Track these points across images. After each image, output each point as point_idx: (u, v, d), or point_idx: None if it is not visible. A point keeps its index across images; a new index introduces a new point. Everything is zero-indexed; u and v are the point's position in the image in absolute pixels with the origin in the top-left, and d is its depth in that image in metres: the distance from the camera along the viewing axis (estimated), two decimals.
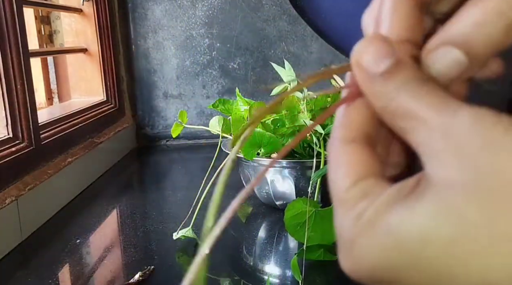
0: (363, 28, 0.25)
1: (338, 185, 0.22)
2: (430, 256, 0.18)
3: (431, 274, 0.19)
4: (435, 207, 0.18)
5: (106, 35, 1.28)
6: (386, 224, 0.19)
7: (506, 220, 0.17)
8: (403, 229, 0.19)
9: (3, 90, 0.80)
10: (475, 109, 0.19)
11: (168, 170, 1.23)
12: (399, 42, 0.22)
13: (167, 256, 0.69)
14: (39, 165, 0.87)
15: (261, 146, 0.73)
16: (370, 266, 0.20)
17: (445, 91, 0.20)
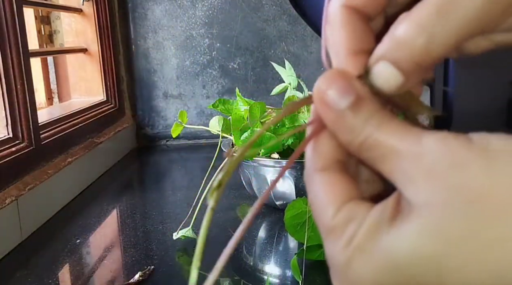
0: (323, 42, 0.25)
1: (322, 215, 0.23)
2: (421, 274, 0.20)
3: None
4: (419, 229, 0.20)
5: (106, 35, 1.28)
6: (376, 248, 0.21)
7: (483, 230, 0.19)
8: (393, 251, 0.20)
9: (3, 90, 0.80)
10: (437, 134, 0.20)
11: (168, 170, 1.23)
12: (356, 77, 0.22)
13: (167, 256, 0.69)
14: (39, 165, 0.87)
15: (261, 146, 0.73)
16: None
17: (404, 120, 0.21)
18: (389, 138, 0.21)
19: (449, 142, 0.20)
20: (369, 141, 0.21)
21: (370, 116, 0.21)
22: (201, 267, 0.71)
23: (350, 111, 0.21)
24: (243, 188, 0.90)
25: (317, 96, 0.22)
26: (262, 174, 0.80)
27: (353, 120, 0.21)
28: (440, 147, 0.20)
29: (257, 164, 0.80)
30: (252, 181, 0.83)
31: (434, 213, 0.19)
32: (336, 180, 0.23)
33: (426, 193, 0.20)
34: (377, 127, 0.21)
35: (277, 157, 0.79)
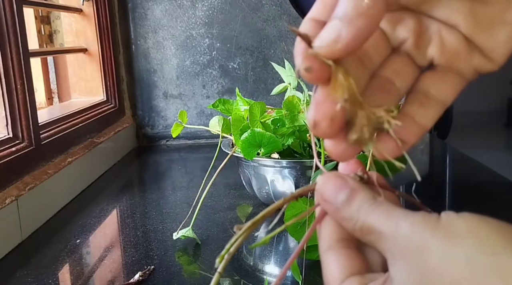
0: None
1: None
2: None
3: None
4: None
5: (106, 35, 1.28)
6: None
7: None
8: None
9: (3, 90, 0.80)
10: (412, 217, 0.24)
11: (168, 170, 1.23)
12: (350, 175, 0.27)
13: (167, 256, 0.69)
14: (39, 165, 0.87)
15: (261, 146, 0.73)
16: None
17: (390, 203, 0.25)
18: (377, 223, 0.25)
19: (419, 226, 0.23)
20: (364, 227, 0.25)
21: (361, 204, 0.26)
22: (201, 267, 0.71)
23: (345, 204, 0.26)
24: (243, 188, 0.90)
25: (318, 194, 0.27)
26: (262, 174, 0.80)
27: (349, 210, 0.26)
28: (411, 231, 0.23)
29: (257, 164, 0.80)
30: (252, 181, 0.83)
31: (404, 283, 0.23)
32: (340, 258, 0.27)
33: (401, 271, 0.24)
34: (368, 214, 0.25)
35: (277, 157, 0.79)
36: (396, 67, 0.27)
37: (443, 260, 0.22)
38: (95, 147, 1.10)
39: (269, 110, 0.80)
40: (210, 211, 0.86)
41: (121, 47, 1.38)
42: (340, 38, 0.22)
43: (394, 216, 0.24)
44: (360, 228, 0.25)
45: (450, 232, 0.23)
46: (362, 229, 0.25)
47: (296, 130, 0.75)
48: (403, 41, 0.27)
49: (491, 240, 0.22)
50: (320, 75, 0.23)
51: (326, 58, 0.23)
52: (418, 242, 0.23)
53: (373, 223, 0.25)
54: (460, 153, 1.24)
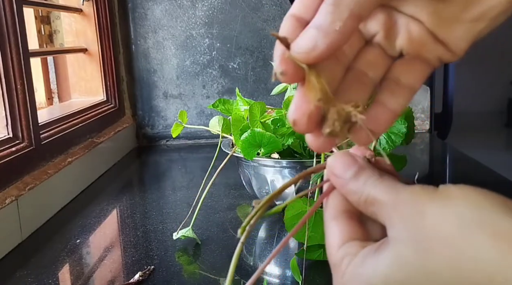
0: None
1: (329, 253, 0.30)
2: None
3: None
4: (391, 257, 0.26)
5: (106, 35, 1.28)
6: (360, 275, 0.27)
7: (431, 262, 0.25)
8: (372, 276, 0.27)
9: (3, 90, 0.80)
10: (412, 187, 0.27)
11: (168, 170, 1.23)
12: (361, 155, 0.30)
13: (167, 256, 0.69)
14: (39, 165, 0.87)
15: (261, 146, 0.73)
16: None
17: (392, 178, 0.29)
18: (380, 193, 0.28)
19: (417, 194, 0.26)
20: (369, 198, 0.28)
21: (366, 180, 0.29)
22: (201, 267, 0.71)
23: (353, 178, 0.29)
24: (243, 188, 0.90)
25: (328, 169, 0.30)
26: (262, 174, 0.80)
27: (356, 184, 0.29)
28: (410, 199, 0.26)
29: (257, 164, 0.80)
30: (252, 181, 0.83)
31: (402, 246, 0.26)
32: (342, 226, 0.30)
33: (399, 232, 0.26)
34: (372, 187, 0.28)
35: (277, 157, 0.79)
36: (369, 58, 0.30)
37: (438, 219, 0.25)
38: (95, 147, 1.10)
39: (269, 110, 0.80)
40: (210, 211, 0.86)
41: (121, 47, 1.38)
42: (316, 47, 0.25)
43: (396, 187, 0.27)
44: (365, 200, 0.28)
45: (445, 196, 0.26)
46: (366, 201, 0.28)
47: None
48: (375, 34, 0.30)
49: (482, 202, 0.24)
50: (293, 78, 0.27)
51: (301, 63, 0.26)
52: (416, 205, 0.26)
53: (376, 195, 0.28)
54: (460, 153, 1.24)
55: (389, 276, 0.26)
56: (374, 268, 0.27)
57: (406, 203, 0.26)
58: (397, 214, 0.27)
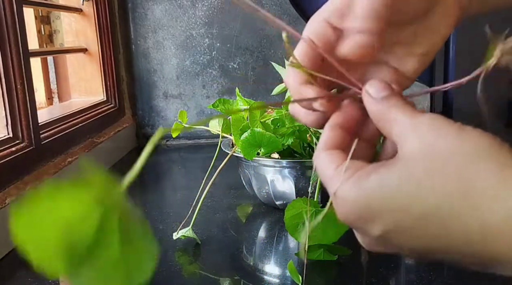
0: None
1: (324, 172, 0.33)
2: (401, 201, 0.29)
3: (398, 214, 0.29)
4: (400, 171, 0.29)
5: (106, 35, 1.28)
6: (364, 187, 0.30)
7: (440, 182, 0.27)
8: (377, 187, 0.29)
9: (3, 90, 0.80)
10: (430, 114, 0.30)
11: (168, 170, 1.23)
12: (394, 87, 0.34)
13: (167, 256, 0.69)
14: (39, 165, 0.87)
15: (261, 146, 0.73)
16: (358, 207, 0.30)
17: (413, 107, 0.32)
18: (403, 114, 0.31)
19: (437, 119, 0.30)
20: (391, 118, 0.31)
21: (394, 104, 0.32)
22: (201, 267, 0.71)
23: (384, 99, 0.33)
24: (243, 188, 0.90)
25: (365, 90, 0.34)
26: (262, 174, 0.80)
27: (384, 104, 0.32)
28: (428, 119, 0.30)
29: (257, 164, 0.80)
30: (252, 181, 0.83)
31: (414, 161, 0.29)
32: (337, 154, 0.33)
33: (413, 150, 0.29)
34: (397, 111, 0.31)
35: (277, 157, 0.79)
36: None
37: (455, 145, 0.28)
38: (95, 147, 1.10)
39: (269, 110, 0.80)
40: (210, 211, 0.86)
41: (121, 47, 1.38)
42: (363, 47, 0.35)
43: (416, 113, 0.31)
44: (387, 117, 0.32)
45: (463, 128, 0.29)
46: (388, 118, 0.32)
47: (296, 130, 0.75)
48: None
49: (495, 145, 0.28)
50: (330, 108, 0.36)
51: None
52: (435, 128, 0.29)
53: (399, 113, 0.31)
54: None
55: (395, 189, 0.29)
56: (380, 181, 0.29)
57: (426, 125, 0.29)
58: (415, 132, 0.29)
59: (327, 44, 0.36)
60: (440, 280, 0.60)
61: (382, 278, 0.61)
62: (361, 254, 0.67)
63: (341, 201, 0.31)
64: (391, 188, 0.29)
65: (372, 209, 0.29)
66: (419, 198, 0.28)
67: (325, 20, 0.36)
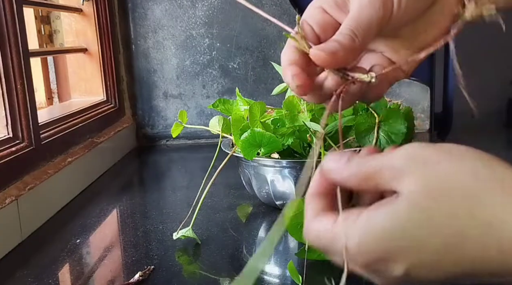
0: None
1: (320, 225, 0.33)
2: (416, 233, 0.28)
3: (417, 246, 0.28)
4: (407, 205, 0.28)
5: (106, 35, 1.28)
6: (378, 219, 0.29)
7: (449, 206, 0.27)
8: (392, 219, 0.29)
9: (3, 90, 0.80)
10: (413, 146, 0.30)
11: (168, 170, 1.23)
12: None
13: (167, 256, 0.69)
14: (39, 165, 0.87)
15: (261, 146, 0.73)
16: (374, 250, 0.29)
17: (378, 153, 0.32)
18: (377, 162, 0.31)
19: (417, 146, 0.30)
20: (368, 171, 0.31)
21: (359, 160, 0.32)
22: (201, 267, 0.71)
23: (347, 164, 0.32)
24: (243, 188, 0.90)
25: (323, 170, 0.34)
26: (262, 174, 0.80)
27: (352, 167, 0.32)
28: (412, 149, 0.30)
29: (257, 164, 0.80)
30: (252, 181, 0.83)
31: (418, 195, 0.28)
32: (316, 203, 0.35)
33: (413, 183, 0.28)
34: (368, 162, 0.31)
35: (277, 157, 0.79)
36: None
37: (454, 170, 0.28)
38: (95, 147, 1.10)
39: (269, 110, 0.80)
40: (210, 211, 0.86)
41: (121, 47, 1.38)
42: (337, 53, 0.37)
43: (389, 153, 0.31)
44: (364, 176, 0.31)
45: (449, 149, 0.29)
46: (366, 176, 0.31)
47: (296, 130, 0.75)
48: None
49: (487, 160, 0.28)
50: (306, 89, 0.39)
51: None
52: (422, 155, 0.29)
53: (374, 165, 0.30)
54: None
55: (406, 222, 0.28)
56: (389, 218, 0.29)
57: (418, 157, 0.29)
58: (409, 168, 0.29)
59: (321, 28, 0.38)
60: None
61: None
62: None
63: (356, 250, 0.30)
64: (403, 222, 0.28)
65: (390, 248, 0.29)
66: (432, 225, 0.28)
67: (321, 7, 0.39)
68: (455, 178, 0.28)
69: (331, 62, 0.36)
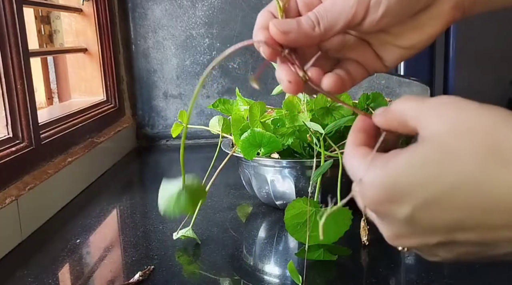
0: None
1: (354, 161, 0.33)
2: (430, 172, 0.28)
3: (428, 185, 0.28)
4: (429, 144, 0.29)
5: (106, 35, 1.28)
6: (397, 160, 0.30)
7: (472, 146, 0.27)
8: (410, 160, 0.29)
9: (3, 90, 0.80)
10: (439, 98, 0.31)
11: (168, 170, 1.23)
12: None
13: (167, 256, 0.69)
14: (39, 165, 0.87)
15: (261, 146, 0.73)
16: (384, 187, 0.29)
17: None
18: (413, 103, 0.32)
19: (446, 97, 0.30)
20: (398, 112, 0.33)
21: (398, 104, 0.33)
22: (201, 267, 0.71)
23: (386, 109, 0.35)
24: (243, 188, 0.90)
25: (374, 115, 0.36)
26: (262, 174, 0.80)
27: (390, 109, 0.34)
28: (442, 99, 0.30)
29: (257, 164, 0.80)
30: (252, 181, 0.83)
31: (439, 134, 0.29)
32: (364, 148, 0.34)
33: (435, 123, 0.29)
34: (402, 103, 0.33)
35: (277, 157, 0.79)
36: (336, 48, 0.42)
37: (475, 113, 0.28)
38: (95, 147, 1.10)
39: (269, 110, 0.80)
40: (210, 211, 0.86)
41: (121, 47, 1.38)
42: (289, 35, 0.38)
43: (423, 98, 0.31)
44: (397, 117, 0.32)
45: (477, 103, 0.29)
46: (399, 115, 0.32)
47: (296, 130, 0.75)
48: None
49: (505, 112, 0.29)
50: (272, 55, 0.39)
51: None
52: (449, 102, 0.30)
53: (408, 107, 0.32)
54: None
55: (422, 162, 0.28)
56: (407, 158, 0.29)
57: (442, 103, 0.30)
58: (433, 111, 0.30)
59: (305, 5, 0.39)
60: (440, 280, 0.60)
61: (382, 278, 0.61)
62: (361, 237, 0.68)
63: (368, 185, 0.30)
64: (419, 162, 0.28)
65: (399, 187, 0.29)
66: (449, 164, 0.28)
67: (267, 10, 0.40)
68: (479, 122, 0.28)
69: (280, 39, 0.37)
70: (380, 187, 0.29)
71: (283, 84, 0.39)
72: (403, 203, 0.29)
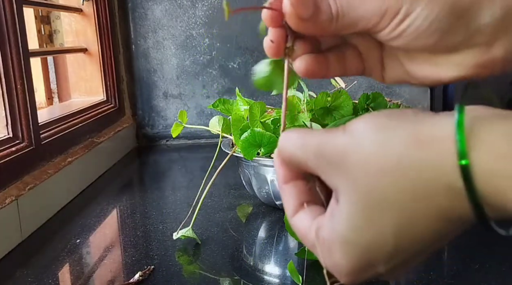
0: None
1: (287, 213, 0.34)
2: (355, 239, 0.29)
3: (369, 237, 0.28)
4: (349, 206, 0.29)
5: (106, 35, 1.28)
6: (341, 232, 0.29)
7: (374, 195, 0.27)
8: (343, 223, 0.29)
9: (3, 90, 0.80)
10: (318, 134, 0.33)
11: (168, 170, 1.23)
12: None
13: (167, 256, 0.69)
14: (39, 165, 0.87)
15: (261, 146, 0.73)
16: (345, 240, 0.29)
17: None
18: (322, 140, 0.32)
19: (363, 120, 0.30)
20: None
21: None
22: (201, 267, 0.71)
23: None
24: (243, 188, 0.90)
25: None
26: (262, 174, 0.80)
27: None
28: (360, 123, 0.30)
29: (257, 164, 0.80)
30: (252, 181, 0.83)
31: (352, 197, 0.28)
32: (294, 189, 0.34)
33: (350, 195, 0.29)
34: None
35: None
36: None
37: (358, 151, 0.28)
38: (95, 147, 1.10)
39: (269, 110, 0.80)
40: (210, 211, 0.86)
41: (121, 47, 1.38)
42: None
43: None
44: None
45: (353, 128, 0.30)
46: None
47: None
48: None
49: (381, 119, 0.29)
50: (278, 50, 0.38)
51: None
52: (368, 121, 0.29)
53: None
54: None
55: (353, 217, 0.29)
56: (339, 218, 0.29)
57: (359, 127, 0.29)
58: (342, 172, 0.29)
59: None
60: (440, 280, 0.60)
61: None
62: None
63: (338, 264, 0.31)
64: (358, 216, 0.28)
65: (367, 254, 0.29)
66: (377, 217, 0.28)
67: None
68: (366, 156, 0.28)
69: (292, 23, 0.34)
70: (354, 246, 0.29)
71: (265, 42, 0.37)
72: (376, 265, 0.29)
